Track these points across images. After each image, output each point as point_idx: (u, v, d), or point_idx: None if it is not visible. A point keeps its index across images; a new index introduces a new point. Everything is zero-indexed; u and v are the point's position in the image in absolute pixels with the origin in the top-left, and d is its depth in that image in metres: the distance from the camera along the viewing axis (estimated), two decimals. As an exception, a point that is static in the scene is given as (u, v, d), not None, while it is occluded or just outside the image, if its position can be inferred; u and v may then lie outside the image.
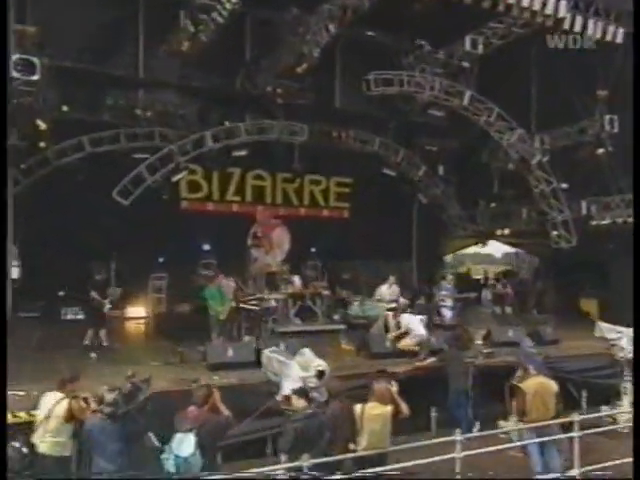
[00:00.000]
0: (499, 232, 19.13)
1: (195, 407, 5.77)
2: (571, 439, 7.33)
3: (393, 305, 12.68)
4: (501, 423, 9.43)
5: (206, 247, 16.82)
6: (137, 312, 16.03)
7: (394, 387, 6.47)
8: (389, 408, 6.28)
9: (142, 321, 15.63)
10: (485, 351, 11.07)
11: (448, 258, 24.16)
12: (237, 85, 16.38)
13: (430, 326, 12.18)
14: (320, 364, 7.55)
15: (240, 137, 15.53)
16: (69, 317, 15.15)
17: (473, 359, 10.19)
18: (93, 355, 10.31)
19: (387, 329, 11.78)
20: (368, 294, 15.53)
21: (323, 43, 13.39)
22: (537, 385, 7.64)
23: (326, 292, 14.78)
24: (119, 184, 14.47)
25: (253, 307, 11.11)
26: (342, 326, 13.86)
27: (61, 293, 14.86)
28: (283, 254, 18.15)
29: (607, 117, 15.19)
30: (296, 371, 7.45)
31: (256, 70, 15.90)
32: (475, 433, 6.82)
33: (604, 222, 15.75)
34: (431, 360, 9.80)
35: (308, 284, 15.10)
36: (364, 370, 9.48)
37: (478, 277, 24.36)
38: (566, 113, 15.83)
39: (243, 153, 15.85)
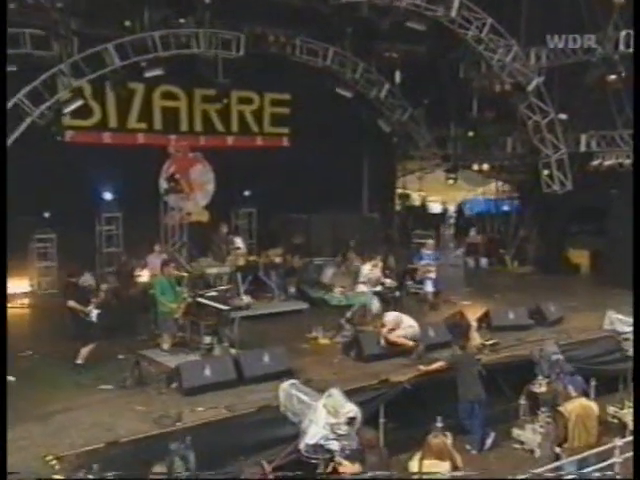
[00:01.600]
0: (476, 167, 20.16)
1: None
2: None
3: (378, 289, 13.47)
4: (515, 431, 10.76)
5: (107, 196, 16.67)
6: (17, 287, 15.63)
7: (449, 439, 7.27)
8: (447, 464, 7.04)
9: (26, 301, 15.50)
10: (489, 342, 11.95)
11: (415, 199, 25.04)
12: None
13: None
14: (351, 409, 8.08)
15: (157, 52, 15.07)
16: None
17: (479, 356, 11.05)
18: (11, 378, 9.69)
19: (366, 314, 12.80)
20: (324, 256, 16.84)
21: None
22: (579, 409, 8.54)
23: (278, 259, 15.46)
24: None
25: (219, 305, 11.21)
26: (305, 305, 14.76)
27: None
28: (207, 197, 18.51)
29: (623, 33, 15.86)
30: (323, 417, 7.90)
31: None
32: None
33: (608, 162, 17.16)
34: (439, 364, 10.52)
35: (253, 247, 15.57)
36: (365, 382, 10.15)
37: (436, 212, 25.77)
38: (570, 24, 16.50)
39: (158, 73, 15.43)
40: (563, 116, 17.26)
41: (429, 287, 15.26)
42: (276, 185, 17.50)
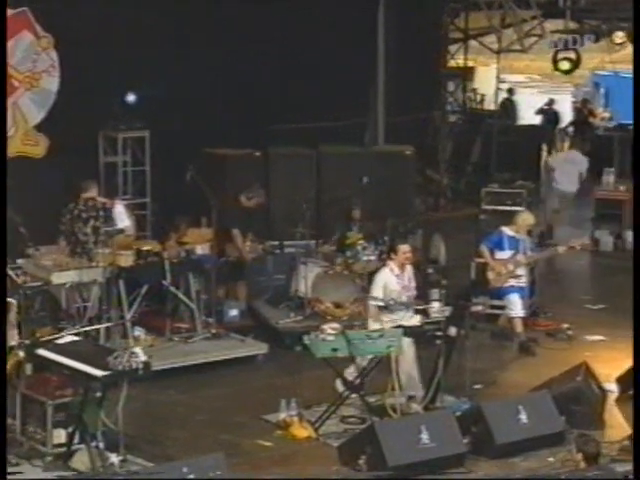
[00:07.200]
0: (620, 35, 18.99)
1: None
2: None
3: (414, 320, 11.91)
4: None
5: None
6: None
7: None
8: None
9: None
10: None
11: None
12: None
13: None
14: None
15: None
16: None
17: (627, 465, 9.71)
18: None
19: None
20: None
21: None
22: None
23: (203, 248, 14.10)
24: None
25: (86, 368, 9.80)
26: (261, 347, 13.87)
27: None
28: (44, 104, 16.21)
29: None
30: None
31: None
32: None
33: None
34: None
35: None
36: None
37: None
38: None
39: None
40: None
41: (517, 308, 13.98)
42: (194, 79, 15.87)
